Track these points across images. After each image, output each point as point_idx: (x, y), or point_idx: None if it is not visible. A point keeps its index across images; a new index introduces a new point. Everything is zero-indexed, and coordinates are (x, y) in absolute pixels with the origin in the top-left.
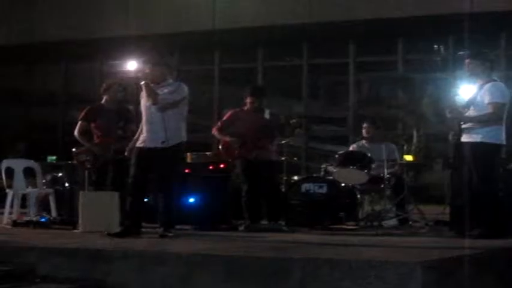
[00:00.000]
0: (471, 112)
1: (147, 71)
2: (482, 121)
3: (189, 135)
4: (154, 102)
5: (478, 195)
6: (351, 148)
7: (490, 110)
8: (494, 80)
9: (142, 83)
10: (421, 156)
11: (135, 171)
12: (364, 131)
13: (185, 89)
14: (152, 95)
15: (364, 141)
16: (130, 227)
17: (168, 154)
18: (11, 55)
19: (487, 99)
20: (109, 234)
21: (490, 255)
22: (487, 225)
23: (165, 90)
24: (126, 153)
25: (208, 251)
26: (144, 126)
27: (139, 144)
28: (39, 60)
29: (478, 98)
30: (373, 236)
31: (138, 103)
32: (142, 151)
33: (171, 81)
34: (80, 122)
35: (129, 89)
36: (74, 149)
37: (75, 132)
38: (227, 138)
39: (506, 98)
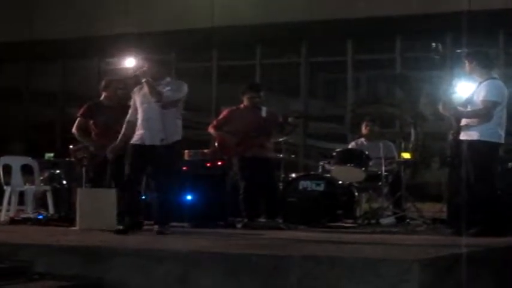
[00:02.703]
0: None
1: (145, 68)
2: (472, 117)
3: (187, 132)
4: (159, 100)
5: (475, 194)
6: (350, 146)
7: (480, 106)
8: (494, 78)
9: (144, 80)
10: (419, 154)
11: (130, 169)
12: (363, 128)
13: (185, 87)
14: (156, 92)
15: (363, 139)
16: (131, 224)
17: (167, 152)
18: (9, 53)
19: (480, 97)
20: (112, 231)
21: (488, 253)
22: (485, 224)
23: (167, 88)
24: (107, 154)
25: (206, 249)
26: (140, 123)
27: (135, 141)
28: (37, 57)
29: (475, 96)
30: (370, 233)
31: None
32: (139, 148)
33: (168, 79)
34: (78, 119)
35: (129, 86)
36: (71, 146)
37: (73, 129)
38: (222, 135)
39: (501, 96)
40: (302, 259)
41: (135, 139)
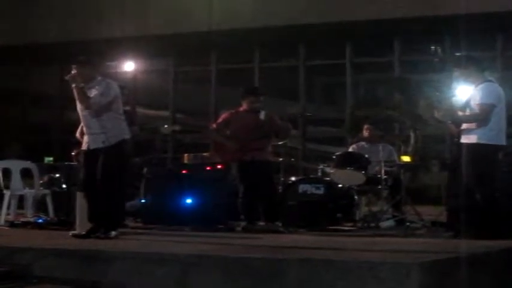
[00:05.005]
0: (467, 114)
1: (74, 72)
2: (469, 121)
3: (186, 136)
4: (87, 107)
5: (474, 197)
6: (350, 149)
7: (477, 110)
8: (489, 81)
9: (73, 86)
10: (418, 157)
11: (83, 174)
12: (365, 132)
13: (114, 87)
14: (84, 99)
15: (363, 142)
16: (93, 229)
17: (110, 153)
18: (7, 56)
19: (476, 101)
20: (73, 236)
21: (487, 256)
22: (483, 226)
23: (95, 92)
24: (72, 154)
25: (205, 252)
26: (84, 129)
27: (83, 147)
28: (35, 61)
29: (471, 100)
30: (370, 237)
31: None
32: (87, 154)
33: (99, 78)
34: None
35: (127, 90)
36: (74, 151)
37: (77, 134)
38: (222, 139)
39: (497, 99)
40: (301, 262)
41: (83, 145)
